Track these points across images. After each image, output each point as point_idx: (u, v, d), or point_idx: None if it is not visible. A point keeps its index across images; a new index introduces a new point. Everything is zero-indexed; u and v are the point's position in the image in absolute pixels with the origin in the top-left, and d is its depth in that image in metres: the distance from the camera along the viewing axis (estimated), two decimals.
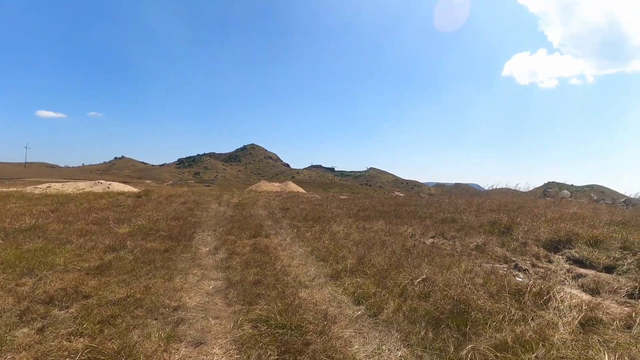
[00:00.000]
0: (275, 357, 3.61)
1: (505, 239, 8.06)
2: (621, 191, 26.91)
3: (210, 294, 5.42)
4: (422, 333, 4.19)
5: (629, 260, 5.79)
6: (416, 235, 9.00)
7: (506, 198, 13.49)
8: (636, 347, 3.36)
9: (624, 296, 4.70)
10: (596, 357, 3.25)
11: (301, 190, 36.55)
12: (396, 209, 13.58)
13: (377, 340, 4.10)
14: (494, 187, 18.67)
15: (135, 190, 23.03)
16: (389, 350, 3.89)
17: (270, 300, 4.93)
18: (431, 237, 8.91)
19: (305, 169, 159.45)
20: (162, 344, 3.87)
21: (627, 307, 4.29)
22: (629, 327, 3.76)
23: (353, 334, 4.22)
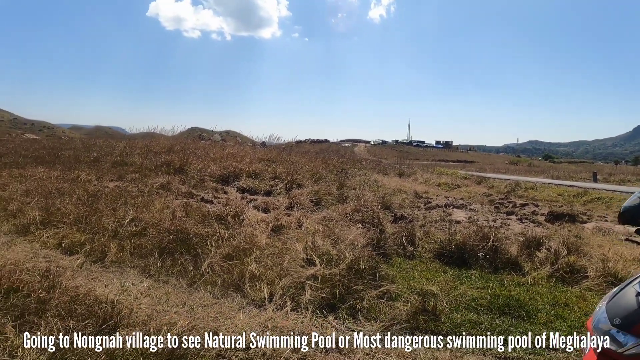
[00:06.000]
0: (11, 326, 2.81)
1: (184, 177, 8.93)
2: (251, 136, 34.28)
3: None
4: (160, 263, 4.48)
5: (280, 186, 8.22)
6: (93, 181, 8.19)
7: (170, 141, 14.21)
8: (307, 237, 5.20)
9: (285, 209, 6.80)
10: (290, 247, 4.85)
11: None
12: (52, 153, 11.39)
13: (116, 280, 4.06)
14: (147, 131, 18.83)
15: None
16: (133, 284, 3.96)
17: None
18: (111, 181, 8.40)
19: None
20: None
21: (289, 216, 6.31)
22: (300, 226, 5.70)
23: (86, 281, 3.89)
